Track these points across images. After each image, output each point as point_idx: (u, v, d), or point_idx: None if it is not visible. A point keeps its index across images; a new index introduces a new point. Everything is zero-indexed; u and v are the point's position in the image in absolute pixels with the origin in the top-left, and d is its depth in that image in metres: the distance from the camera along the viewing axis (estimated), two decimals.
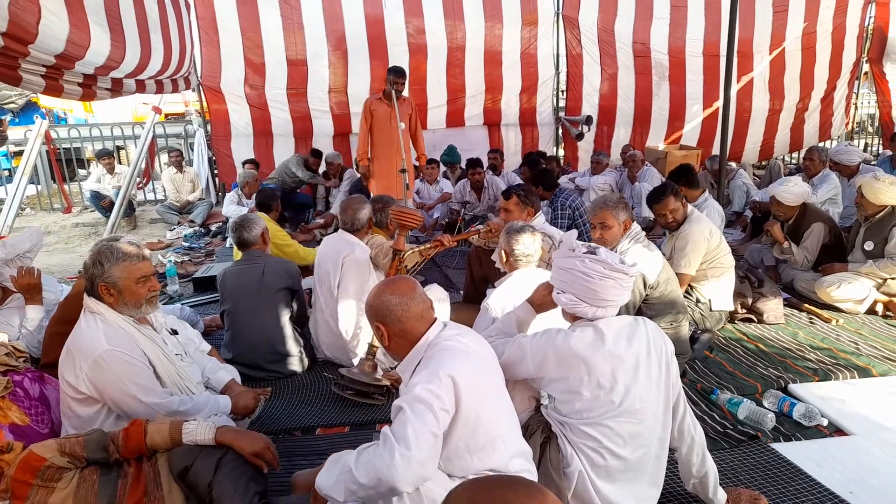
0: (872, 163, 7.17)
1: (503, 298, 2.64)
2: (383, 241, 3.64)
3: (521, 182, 6.87)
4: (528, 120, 8.75)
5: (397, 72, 5.60)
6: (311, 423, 3.00)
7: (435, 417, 1.68)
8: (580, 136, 8.36)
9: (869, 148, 10.24)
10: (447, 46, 8.20)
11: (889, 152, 7.40)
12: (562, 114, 8.88)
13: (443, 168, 7.88)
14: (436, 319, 1.95)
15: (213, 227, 7.48)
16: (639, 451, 1.99)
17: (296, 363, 3.49)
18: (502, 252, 2.80)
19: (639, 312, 3.20)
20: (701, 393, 3.13)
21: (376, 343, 3.18)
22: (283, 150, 8.21)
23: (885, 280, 4.16)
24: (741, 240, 5.94)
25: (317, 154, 7.82)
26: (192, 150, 9.36)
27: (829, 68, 9.04)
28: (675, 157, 7.78)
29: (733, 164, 7.78)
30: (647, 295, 3.24)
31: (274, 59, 7.84)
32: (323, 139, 8.27)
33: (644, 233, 3.45)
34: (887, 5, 8.67)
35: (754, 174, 8.67)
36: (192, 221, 7.86)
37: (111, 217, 7.13)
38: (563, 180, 7.27)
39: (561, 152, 9.14)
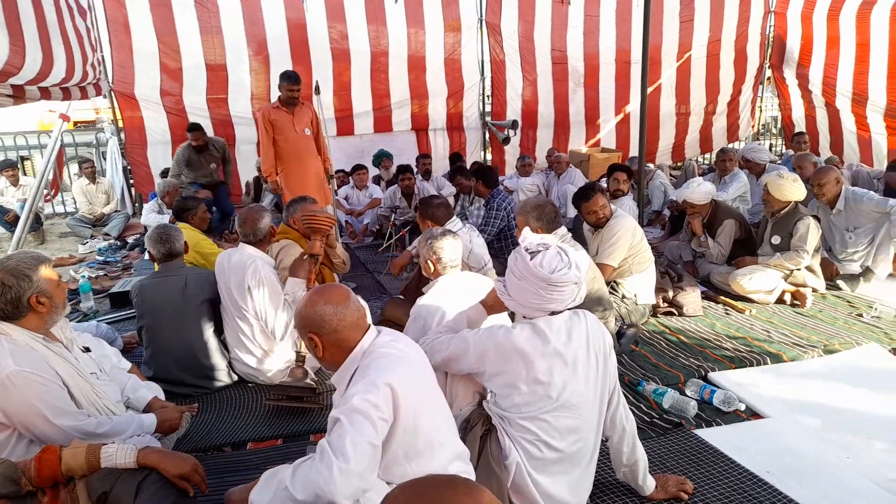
0: (777, 162, 7.66)
1: (433, 305, 2.63)
2: (289, 244, 3.58)
3: (451, 187, 6.95)
4: (455, 125, 8.85)
5: (291, 77, 5.27)
6: (241, 437, 2.90)
7: (373, 427, 1.65)
8: (506, 140, 8.52)
9: (773, 148, 10.92)
10: (371, 52, 8.18)
11: (791, 152, 7.92)
12: (488, 118, 9.02)
13: (372, 174, 7.83)
14: (370, 326, 1.92)
15: (131, 240, 7.13)
16: (576, 444, 2.05)
17: (223, 376, 3.36)
18: (428, 262, 2.80)
19: None
20: (628, 385, 3.23)
21: (304, 350, 3.13)
22: None
23: (792, 271, 4.44)
24: (661, 237, 6.20)
25: (195, 128, 6.90)
26: (105, 159, 8.89)
27: (733, 74, 9.64)
28: (597, 160, 8.06)
29: (651, 166, 8.13)
30: None
31: (191, 63, 7.58)
32: (246, 147, 8.06)
33: (570, 233, 3.54)
34: (785, 15, 9.29)
35: (671, 174, 9.09)
36: (107, 234, 7.47)
37: (16, 232, 6.62)
38: None
39: (489, 156, 9.29)
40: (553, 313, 2.02)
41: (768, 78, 10.10)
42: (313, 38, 7.90)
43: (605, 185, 5.64)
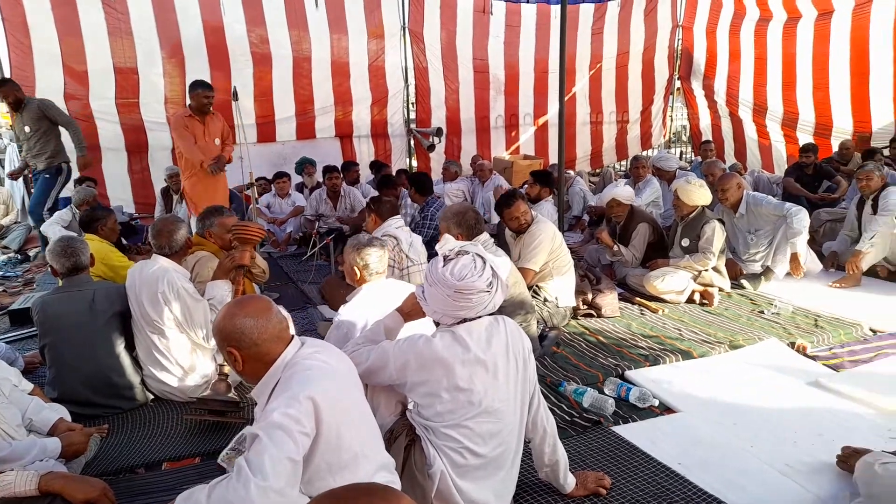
0: (687, 169, 8.10)
1: (357, 313, 2.62)
2: (206, 256, 3.48)
3: (376, 193, 6.93)
4: (380, 131, 8.84)
5: (205, 84, 5.16)
6: (156, 457, 2.77)
7: (294, 443, 1.61)
8: (431, 147, 8.59)
9: (684, 155, 11.52)
10: (293, 57, 8.05)
11: (700, 159, 8.38)
12: (413, 125, 9.07)
13: (295, 181, 7.69)
14: (293, 337, 1.88)
15: (32, 253, 6.69)
16: (498, 448, 2.08)
17: (136, 394, 3.21)
18: (354, 269, 2.78)
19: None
20: (550, 386, 3.32)
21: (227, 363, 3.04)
22: (115, 166, 7.56)
23: (700, 272, 4.69)
24: (581, 242, 6.41)
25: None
26: (3, 167, 8.31)
27: (643, 85, 10.13)
28: (520, 167, 8.25)
29: (571, 172, 8.40)
30: None
31: (99, 66, 7.20)
32: (160, 153, 7.72)
33: (492, 239, 3.60)
34: (691, 30, 9.85)
35: (590, 181, 9.42)
36: (6, 248, 6.97)
37: None
38: None
39: (414, 163, 9.32)
40: (467, 320, 2.05)
41: (678, 89, 10.66)
42: (232, 42, 7.69)
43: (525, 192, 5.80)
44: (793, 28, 8.24)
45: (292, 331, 1.92)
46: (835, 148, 7.75)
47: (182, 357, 3.20)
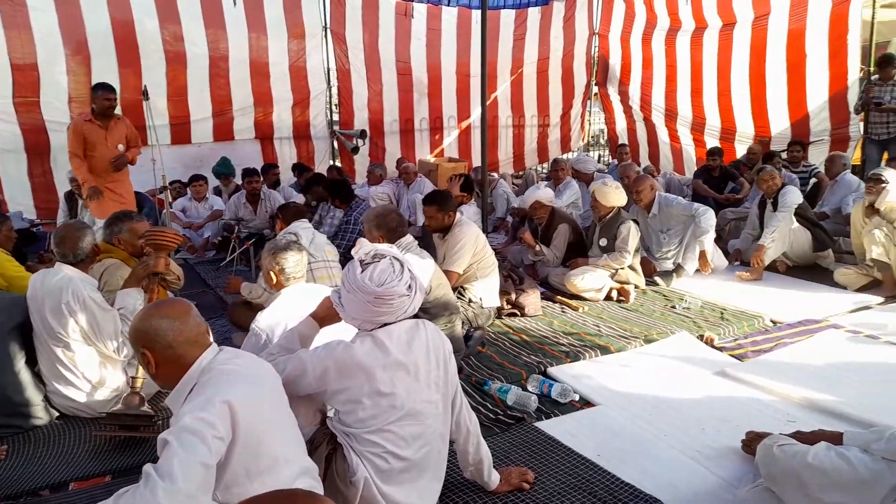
0: (605, 171, 8.40)
1: (274, 319, 2.56)
2: (115, 263, 3.33)
3: (297, 196, 6.80)
4: (302, 133, 8.67)
5: (107, 87, 4.97)
6: (62, 478, 2.60)
7: (207, 447, 1.55)
8: (356, 149, 8.52)
9: (602, 158, 11.93)
10: (210, 56, 7.78)
11: (616, 161, 8.72)
12: (336, 127, 8.96)
13: (213, 184, 7.43)
14: (212, 344, 1.84)
15: None
16: (422, 450, 2.08)
17: (39, 412, 3.00)
18: (271, 273, 2.71)
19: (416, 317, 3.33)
20: (475, 385, 3.36)
21: (141, 375, 2.90)
22: (14, 169, 7.05)
23: (617, 270, 4.88)
24: (504, 243, 6.52)
25: None
26: None
27: (563, 89, 10.44)
28: (445, 169, 8.29)
29: (495, 175, 8.55)
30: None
31: None
32: (63, 155, 7.19)
33: (416, 242, 3.61)
34: (607, 38, 10.22)
35: (513, 183, 9.61)
36: None
37: None
38: None
39: (339, 165, 9.21)
40: (387, 324, 2.05)
41: (595, 94, 11.04)
42: (143, 39, 7.33)
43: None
44: (699, 38, 8.71)
45: (211, 338, 1.87)
46: (739, 152, 8.26)
47: (90, 371, 3.03)
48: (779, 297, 4.72)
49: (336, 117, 9.07)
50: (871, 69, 6.79)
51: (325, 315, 2.26)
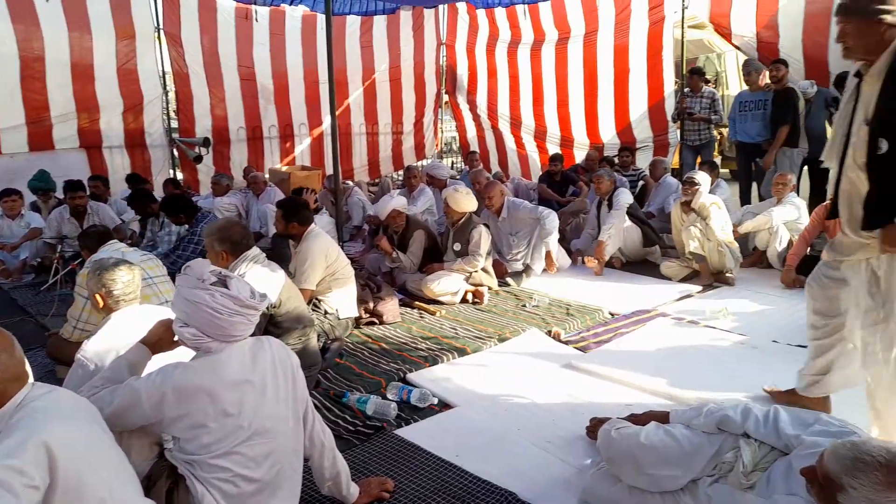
0: (457, 177, 8.64)
1: (104, 346, 2.32)
2: None
3: (129, 210, 6.27)
4: (136, 142, 7.99)
5: None
6: None
7: (16, 498, 1.39)
8: (198, 158, 8.02)
9: (455, 165, 12.27)
10: (20, 56, 6.94)
11: (468, 167, 9.00)
12: (176, 135, 8.38)
13: (30, 199, 6.61)
14: (30, 378, 1.67)
15: None
16: (274, 469, 2.00)
17: None
18: (97, 297, 2.46)
19: (266, 332, 3.19)
20: (334, 398, 3.28)
21: None
22: None
23: (471, 273, 5.03)
24: (362, 251, 6.47)
25: None
26: None
27: (416, 97, 10.61)
28: (298, 178, 8.06)
29: (350, 183, 8.46)
30: (272, 314, 3.26)
31: None
32: None
33: (264, 254, 3.46)
34: (454, 48, 10.54)
35: (369, 191, 9.58)
36: None
37: None
38: None
39: (180, 175, 8.62)
40: (228, 343, 1.94)
41: (446, 102, 11.34)
42: None
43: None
44: (538, 50, 9.26)
45: (30, 371, 1.70)
46: (578, 158, 8.89)
47: None
48: (616, 290, 5.11)
49: (175, 124, 8.48)
50: (683, 82, 7.63)
51: (158, 340, 2.10)
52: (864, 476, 1.48)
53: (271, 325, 3.27)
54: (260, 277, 3.20)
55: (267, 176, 8.18)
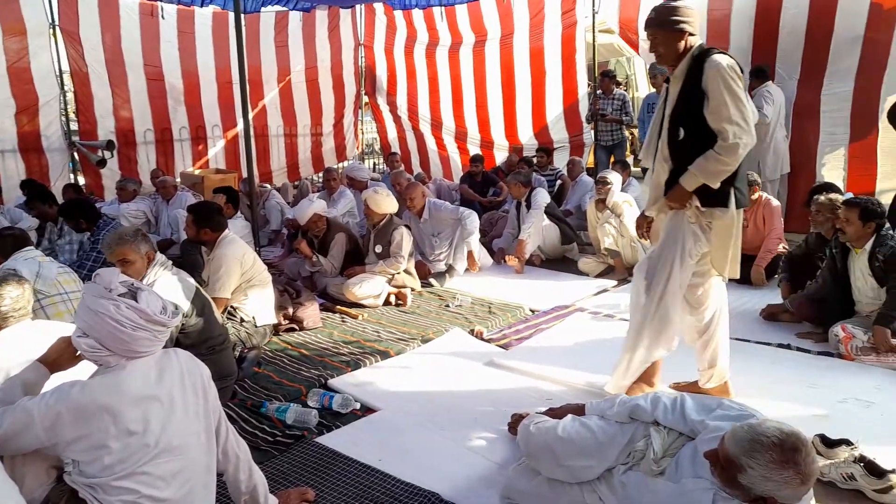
0: (378, 179, 8.58)
1: None
2: None
3: (31, 219, 5.84)
4: (31, 145, 7.42)
5: None
6: None
7: None
8: (102, 162, 7.58)
9: (377, 166, 12.18)
10: None
11: (389, 169, 8.95)
12: (76, 138, 7.87)
13: None
14: None
15: None
16: (185, 487, 1.90)
17: None
18: None
19: (177, 343, 3.05)
20: (251, 409, 3.17)
21: None
22: None
23: (393, 275, 5.00)
24: (281, 255, 6.31)
25: None
26: None
27: (335, 98, 10.45)
28: (212, 181, 7.75)
29: (268, 186, 8.24)
30: (182, 324, 3.11)
31: None
32: None
33: (170, 261, 3.30)
34: (372, 49, 10.46)
35: (293, 194, 9.35)
36: None
37: None
38: None
39: (82, 180, 8.09)
40: (133, 357, 1.84)
41: (366, 104, 11.24)
42: None
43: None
44: (456, 52, 9.32)
45: None
46: (498, 159, 9.03)
47: None
48: (536, 287, 5.22)
49: (75, 127, 7.96)
50: (596, 85, 7.90)
51: (57, 358, 1.96)
52: (760, 456, 1.57)
53: (182, 335, 3.12)
54: (170, 284, 3.06)
55: (178, 180, 7.84)
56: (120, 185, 6.90)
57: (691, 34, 2.69)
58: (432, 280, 5.39)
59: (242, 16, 5.18)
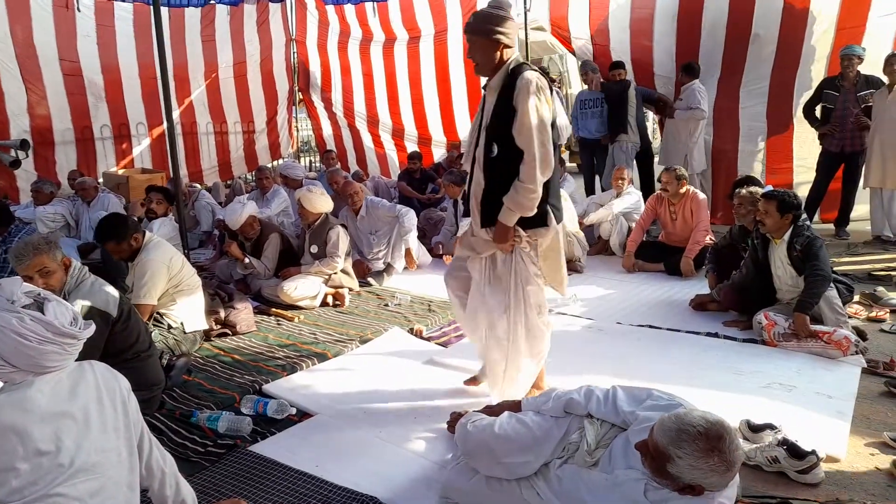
0: (313, 177, 8.42)
1: None
2: None
3: None
4: None
5: None
6: None
7: None
8: (15, 163, 7.10)
9: (313, 164, 11.97)
10: None
11: (325, 167, 8.79)
12: None
13: None
14: None
15: None
16: None
17: None
18: None
19: (103, 350, 2.89)
20: (181, 419, 3.04)
21: None
22: None
23: (330, 275, 4.91)
24: (212, 258, 6.09)
25: None
26: None
27: (266, 95, 10.18)
28: (138, 182, 7.43)
29: (197, 185, 7.96)
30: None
31: None
32: None
33: (86, 268, 3.12)
34: (305, 44, 10.25)
35: (226, 195, 9.04)
36: None
37: None
38: None
39: None
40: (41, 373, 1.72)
41: (300, 100, 11.01)
42: None
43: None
44: (391, 49, 9.25)
45: None
46: (436, 156, 9.02)
47: None
48: None
49: None
50: None
51: None
52: (686, 446, 1.61)
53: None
54: (89, 293, 2.90)
55: (101, 180, 7.46)
56: (35, 187, 6.50)
57: (507, 46, 2.63)
58: (371, 279, 5.33)
59: (164, 9, 4.97)
